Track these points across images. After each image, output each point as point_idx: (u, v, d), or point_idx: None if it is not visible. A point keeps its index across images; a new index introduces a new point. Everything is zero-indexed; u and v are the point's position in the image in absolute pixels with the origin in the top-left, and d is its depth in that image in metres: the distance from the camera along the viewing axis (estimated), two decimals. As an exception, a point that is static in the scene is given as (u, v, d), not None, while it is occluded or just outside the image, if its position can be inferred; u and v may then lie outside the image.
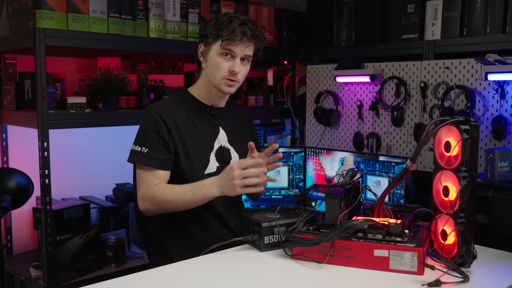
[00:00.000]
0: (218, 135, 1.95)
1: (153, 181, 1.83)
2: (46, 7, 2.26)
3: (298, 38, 3.37)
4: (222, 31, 1.81)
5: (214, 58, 1.85)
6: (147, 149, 1.82)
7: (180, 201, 1.79)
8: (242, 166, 1.70)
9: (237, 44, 1.82)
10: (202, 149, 1.91)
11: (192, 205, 1.81)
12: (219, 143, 1.95)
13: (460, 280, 1.40)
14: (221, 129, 1.97)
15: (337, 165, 2.63)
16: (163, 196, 1.79)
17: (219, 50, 1.83)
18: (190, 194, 1.78)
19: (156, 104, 1.91)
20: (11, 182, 2.28)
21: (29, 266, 2.54)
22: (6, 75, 2.63)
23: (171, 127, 1.85)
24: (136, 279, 1.48)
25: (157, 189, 1.81)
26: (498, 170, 1.93)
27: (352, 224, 1.52)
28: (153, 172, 1.83)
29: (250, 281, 1.46)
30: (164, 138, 1.83)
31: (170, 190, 1.80)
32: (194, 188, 1.78)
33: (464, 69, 2.44)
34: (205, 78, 1.91)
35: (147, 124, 1.85)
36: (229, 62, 1.84)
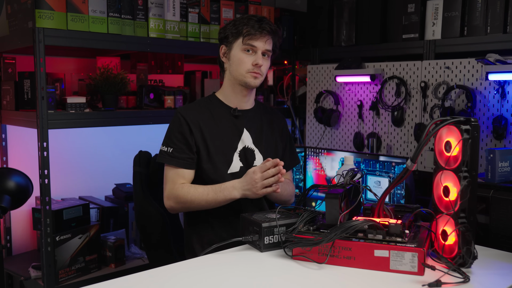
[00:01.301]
0: (242, 136, 2.00)
1: (178, 180, 1.92)
2: (46, 7, 2.25)
3: (298, 37, 3.37)
4: (242, 28, 1.92)
5: (237, 55, 1.95)
6: (172, 149, 1.93)
7: (202, 201, 1.88)
8: (263, 169, 1.79)
9: (258, 38, 1.92)
10: (225, 149, 1.97)
11: (214, 205, 1.90)
12: (243, 144, 2.00)
13: (460, 280, 1.40)
14: (245, 130, 2.01)
15: (337, 165, 2.62)
16: (187, 195, 1.89)
17: (242, 46, 1.93)
18: (212, 195, 1.87)
19: (183, 106, 2.04)
20: (11, 182, 2.27)
21: (28, 266, 2.53)
22: (5, 75, 2.63)
23: (193, 128, 1.94)
24: (136, 280, 1.47)
25: (182, 189, 1.90)
26: (499, 170, 1.93)
27: (353, 224, 1.52)
28: (177, 171, 1.93)
29: (250, 281, 1.45)
30: (186, 138, 1.93)
31: (193, 190, 1.89)
32: (217, 189, 1.87)
33: (464, 69, 2.44)
34: (229, 78, 2.00)
35: (173, 126, 1.97)
36: (252, 56, 1.94)
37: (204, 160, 1.95)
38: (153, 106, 2.74)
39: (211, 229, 1.99)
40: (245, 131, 2.01)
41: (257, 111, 2.10)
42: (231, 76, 1.99)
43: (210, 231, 1.99)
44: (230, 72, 1.99)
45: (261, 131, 2.06)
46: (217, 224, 1.99)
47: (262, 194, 1.82)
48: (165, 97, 2.74)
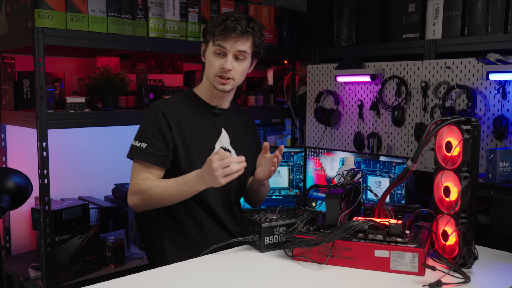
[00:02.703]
0: (220, 136, 1.95)
1: (145, 175, 1.82)
2: (45, 7, 2.25)
3: (298, 37, 3.36)
4: (215, 29, 1.83)
5: (209, 57, 1.87)
6: (146, 144, 1.82)
7: (166, 195, 1.78)
8: (222, 157, 1.65)
9: (227, 40, 1.82)
10: (203, 148, 1.90)
11: (179, 199, 1.80)
12: (221, 144, 1.94)
13: (461, 281, 1.39)
14: (224, 130, 1.96)
15: (337, 165, 2.62)
16: (149, 190, 1.78)
17: (213, 48, 1.85)
18: (175, 188, 1.76)
19: (160, 101, 1.93)
20: (10, 182, 2.27)
21: (28, 266, 2.53)
22: (4, 75, 2.62)
23: (172, 124, 1.85)
24: (136, 280, 1.47)
25: (144, 183, 1.80)
26: (500, 170, 1.92)
27: (353, 224, 1.51)
28: (147, 168, 1.83)
29: (250, 281, 1.45)
30: (164, 135, 1.83)
31: (156, 184, 1.78)
32: (180, 182, 1.77)
33: (465, 68, 2.43)
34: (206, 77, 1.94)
35: (149, 120, 1.85)
36: (221, 59, 1.85)
37: (182, 159, 1.86)
38: (153, 106, 2.73)
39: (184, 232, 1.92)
40: (224, 131, 1.95)
41: (233, 111, 2.04)
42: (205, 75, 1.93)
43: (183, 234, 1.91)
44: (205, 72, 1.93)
45: (237, 133, 2.01)
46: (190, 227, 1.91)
47: (224, 182, 1.67)
48: (164, 97, 2.73)
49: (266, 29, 3.15)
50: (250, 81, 3.37)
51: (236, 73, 1.86)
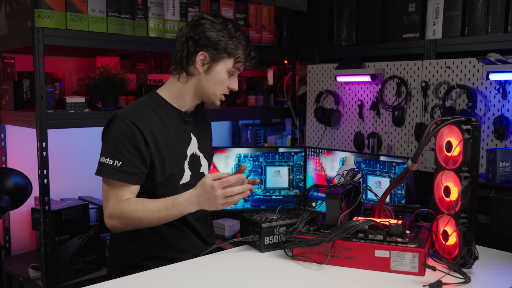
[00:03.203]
0: (191, 143, 1.83)
1: (124, 196, 1.67)
2: (45, 6, 2.25)
3: (298, 37, 3.36)
4: (238, 50, 1.73)
5: (221, 74, 1.75)
6: (120, 162, 1.64)
7: (154, 219, 1.65)
8: (223, 185, 1.58)
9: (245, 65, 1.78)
10: (178, 159, 1.77)
11: (166, 221, 1.68)
12: (191, 151, 1.83)
13: (461, 281, 1.39)
14: (192, 135, 1.85)
15: (337, 165, 2.62)
16: (135, 214, 1.64)
17: (230, 67, 1.74)
18: (165, 212, 1.64)
19: (128, 111, 1.71)
20: (10, 182, 2.27)
21: (27, 267, 2.53)
22: (4, 75, 2.62)
23: (149, 139, 1.68)
24: (136, 280, 1.47)
25: (128, 206, 1.65)
26: (500, 170, 1.92)
27: (353, 224, 1.51)
28: (124, 188, 1.66)
29: (250, 282, 1.45)
30: (141, 152, 1.67)
31: (142, 207, 1.64)
32: (169, 205, 1.64)
33: (465, 68, 2.43)
34: (192, 87, 1.77)
35: (121, 135, 1.66)
36: (231, 79, 1.79)
37: (158, 174, 1.72)
38: (153, 106, 2.73)
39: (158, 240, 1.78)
40: (192, 136, 1.84)
41: (195, 112, 1.90)
42: (200, 87, 1.76)
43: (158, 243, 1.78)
44: (201, 83, 1.76)
45: (202, 134, 1.90)
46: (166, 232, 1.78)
47: (222, 208, 1.62)
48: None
49: (266, 29, 3.15)
50: (250, 81, 3.37)
51: None
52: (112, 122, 1.70)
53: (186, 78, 1.77)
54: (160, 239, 1.77)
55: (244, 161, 2.76)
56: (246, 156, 2.76)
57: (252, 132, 3.62)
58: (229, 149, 2.78)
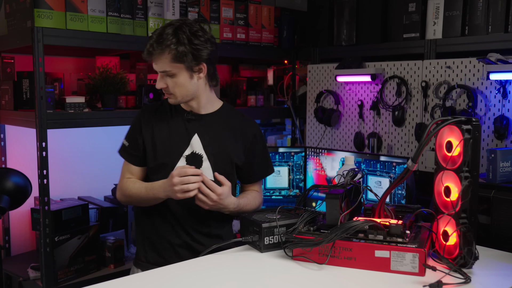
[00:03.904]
0: (191, 141, 1.90)
1: (126, 174, 1.95)
2: (45, 6, 2.24)
3: (298, 37, 3.36)
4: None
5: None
6: (128, 143, 1.94)
7: (138, 198, 1.89)
8: (181, 174, 1.73)
9: (151, 61, 1.82)
10: (171, 152, 1.90)
11: (147, 202, 1.89)
12: (192, 149, 1.90)
13: (461, 281, 1.39)
14: (196, 135, 1.91)
15: (337, 165, 2.61)
16: (127, 191, 1.91)
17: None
18: (144, 193, 1.86)
19: (149, 104, 2.02)
20: (9, 182, 2.26)
21: (27, 267, 2.52)
22: (4, 75, 2.62)
23: (144, 127, 1.92)
24: (136, 280, 1.47)
25: (126, 183, 1.92)
26: (500, 170, 1.91)
27: (353, 224, 1.51)
28: (128, 166, 1.95)
29: (250, 282, 1.44)
30: (136, 138, 1.92)
31: (132, 186, 1.90)
32: (148, 187, 1.86)
33: (465, 68, 2.43)
34: None
35: (132, 122, 1.97)
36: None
37: (150, 160, 1.92)
38: (153, 106, 2.73)
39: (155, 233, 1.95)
40: (196, 135, 1.90)
41: (220, 115, 1.96)
42: None
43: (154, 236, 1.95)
44: None
45: (215, 138, 1.92)
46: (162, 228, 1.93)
47: (181, 197, 1.74)
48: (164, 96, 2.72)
49: (266, 28, 3.15)
50: (250, 81, 3.37)
51: (172, 88, 1.84)
52: None
53: None
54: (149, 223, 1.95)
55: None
56: (246, 156, 2.76)
57: (252, 132, 3.61)
58: (229, 149, 2.77)
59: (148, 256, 1.95)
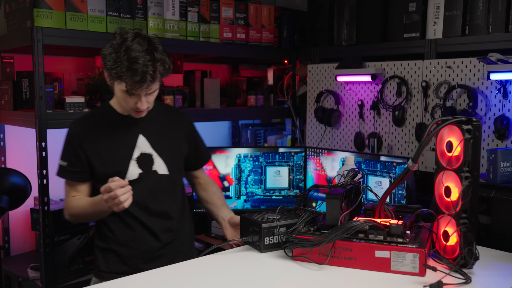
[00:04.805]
0: (137, 142, 1.91)
1: (71, 193, 1.90)
2: (44, 6, 2.24)
3: (298, 37, 3.35)
4: (123, 75, 1.73)
5: (120, 94, 1.81)
6: (66, 163, 1.89)
7: (85, 214, 1.85)
8: (108, 190, 1.65)
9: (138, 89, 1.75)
10: (120, 158, 1.88)
11: (98, 217, 1.87)
12: (140, 150, 1.90)
13: (462, 281, 1.39)
14: (141, 135, 1.92)
15: (338, 165, 2.61)
16: (73, 210, 1.87)
17: (123, 89, 1.76)
18: (90, 208, 1.82)
19: (76, 120, 1.93)
20: (9, 182, 2.27)
21: (27, 267, 2.52)
22: (3, 74, 2.62)
23: (84, 141, 1.87)
24: (135, 280, 1.46)
25: (70, 202, 1.89)
26: (501, 170, 1.91)
27: (353, 225, 1.50)
28: (71, 185, 1.90)
29: (250, 282, 1.44)
30: (77, 153, 1.87)
31: (77, 204, 1.86)
32: (92, 203, 1.82)
33: (466, 68, 2.42)
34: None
35: (65, 140, 1.92)
36: (134, 99, 1.79)
37: (99, 172, 1.86)
38: (153, 105, 2.72)
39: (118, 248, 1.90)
40: (141, 136, 1.91)
41: (156, 113, 1.97)
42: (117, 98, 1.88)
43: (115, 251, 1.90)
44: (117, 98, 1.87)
45: (160, 134, 1.96)
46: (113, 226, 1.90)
47: (119, 210, 1.69)
48: (164, 96, 2.73)
49: (266, 28, 3.15)
50: (250, 81, 3.37)
51: (150, 103, 1.85)
52: None
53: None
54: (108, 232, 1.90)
55: (244, 161, 2.76)
56: (246, 156, 2.76)
57: (252, 132, 3.62)
58: (229, 149, 2.77)
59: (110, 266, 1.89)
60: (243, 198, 2.76)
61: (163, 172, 1.92)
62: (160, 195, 1.91)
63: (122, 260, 1.88)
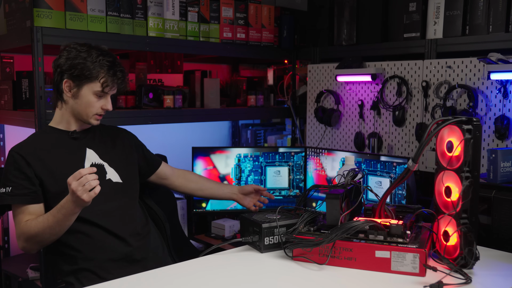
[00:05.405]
0: (86, 155, 1.91)
1: (24, 218, 1.79)
2: (44, 6, 2.24)
3: (298, 37, 3.35)
4: (98, 74, 1.82)
5: (87, 97, 1.84)
6: (10, 187, 1.79)
7: (47, 229, 1.73)
8: (77, 177, 1.62)
9: (113, 87, 1.87)
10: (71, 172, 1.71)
11: (60, 229, 1.74)
12: (90, 161, 1.90)
13: (462, 281, 1.39)
14: (88, 149, 1.92)
15: (338, 165, 2.61)
16: (31, 230, 1.75)
17: (95, 90, 1.83)
18: (52, 219, 1.72)
19: (16, 145, 1.88)
20: (8, 182, 2.25)
21: (26, 267, 2.52)
22: (3, 74, 2.62)
23: (31, 160, 1.81)
24: (136, 281, 1.46)
25: (25, 225, 1.77)
26: (501, 170, 1.91)
27: (354, 225, 1.50)
28: (23, 209, 1.79)
29: (250, 282, 1.44)
30: (25, 173, 1.80)
31: (35, 222, 1.75)
32: (54, 212, 1.72)
33: (466, 68, 2.42)
34: (68, 111, 1.89)
35: (8, 165, 1.83)
36: (101, 100, 1.87)
37: (52, 189, 1.81)
38: (152, 105, 2.72)
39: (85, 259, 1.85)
40: (88, 149, 1.92)
41: (96, 130, 1.99)
42: (74, 111, 1.87)
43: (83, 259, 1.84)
44: (72, 107, 1.87)
45: (105, 147, 1.97)
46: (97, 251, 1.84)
47: (89, 199, 1.63)
48: (164, 96, 2.72)
49: (266, 28, 3.14)
50: (250, 80, 3.36)
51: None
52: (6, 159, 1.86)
53: (62, 105, 1.90)
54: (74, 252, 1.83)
55: (244, 161, 2.75)
56: (246, 156, 2.76)
57: (252, 132, 3.62)
58: (229, 149, 2.77)
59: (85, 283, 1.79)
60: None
61: (116, 180, 1.93)
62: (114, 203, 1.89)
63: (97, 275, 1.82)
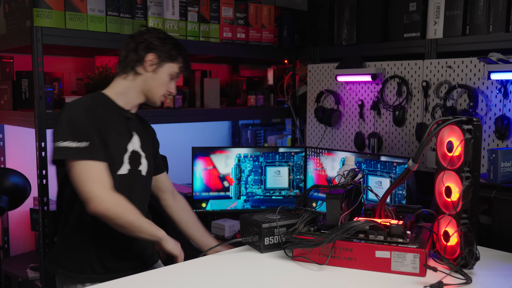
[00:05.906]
0: (132, 139, 1.90)
1: (107, 178, 1.71)
2: (44, 6, 2.24)
3: (298, 36, 3.35)
4: (181, 57, 1.94)
5: (164, 77, 1.91)
6: (88, 143, 1.69)
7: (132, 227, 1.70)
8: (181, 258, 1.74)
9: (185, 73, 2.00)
10: (118, 149, 1.83)
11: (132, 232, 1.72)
12: (132, 147, 1.89)
13: (462, 282, 1.38)
14: (135, 133, 1.92)
15: (338, 165, 2.61)
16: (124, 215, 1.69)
17: (173, 71, 1.92)
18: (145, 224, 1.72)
19: (80, 99, 1.84)
20: (8, 182, 2.26)
21: (26, 267, 2.52)
22: (3, 74, 2.62)
23: (101, 124, 1.77)
24: (135, 280, 1.46)
25: (127, 206, 1.70)
26: (501, 170, 1.91)
27: (354, 225, 1.50)
28: (102, 167, 1.71)
29: (250, 282, 1.44)
30: (101, 132, 1.76)
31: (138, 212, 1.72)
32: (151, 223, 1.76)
33: (466, 68, 2.42)
34: (139, 84, 1.89)
35: (78, 118, 1.72)
36: (171, 83, 1.96)
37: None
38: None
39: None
40: (135, 134, 1.91)
41: (140, 118, 2.02)
42: (146, 86, 1.88)
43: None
44: (146, 82, 1.88)
45: (144, 137, 1.97)
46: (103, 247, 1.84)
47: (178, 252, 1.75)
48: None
49: (266, 28, 3.14)
50: (250, 80, 3.36)
51: None
52: (66, 108, 1.78)
53: (134, 77, 1.89)
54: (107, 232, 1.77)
55: (244, 161, 2.75)
56: (246, 156, 2.75)
57: (252, 132, 3.61)
58: (229, 149, 2.77)
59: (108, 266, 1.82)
60: (243, 198, 2.76)
61: (144, 174, 1.93)
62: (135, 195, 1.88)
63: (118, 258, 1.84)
